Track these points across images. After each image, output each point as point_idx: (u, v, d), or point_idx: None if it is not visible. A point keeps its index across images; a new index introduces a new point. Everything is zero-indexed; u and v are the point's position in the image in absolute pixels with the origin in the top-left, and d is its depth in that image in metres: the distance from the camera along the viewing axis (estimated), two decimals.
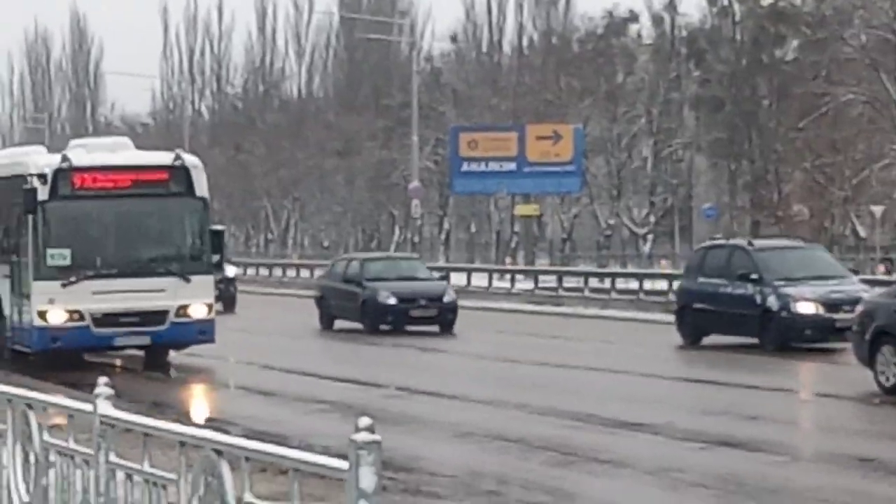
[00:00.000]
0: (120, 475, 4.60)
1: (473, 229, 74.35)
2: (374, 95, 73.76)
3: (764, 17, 53.11)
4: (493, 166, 59.14)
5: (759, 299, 24.31)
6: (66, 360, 19.98)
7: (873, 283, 29.21)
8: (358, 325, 31.00)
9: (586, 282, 47.44)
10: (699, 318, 26.01)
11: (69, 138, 38.96)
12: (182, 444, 4.02)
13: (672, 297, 35.63)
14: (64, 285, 18.33)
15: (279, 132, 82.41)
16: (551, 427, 14.41)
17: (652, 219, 62.40)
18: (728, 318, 25.31)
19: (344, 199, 78.57)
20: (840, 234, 52.27)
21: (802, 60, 51.99)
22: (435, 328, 29.65)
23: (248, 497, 3.46)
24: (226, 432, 3.94)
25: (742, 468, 12.01)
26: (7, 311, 19.78)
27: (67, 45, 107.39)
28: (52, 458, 5.02)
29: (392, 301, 29.43)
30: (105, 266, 18.95)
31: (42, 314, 18.24)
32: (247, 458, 3.50)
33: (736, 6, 55.14)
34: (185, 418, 14.40)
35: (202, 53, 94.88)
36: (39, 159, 19.51)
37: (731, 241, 31.21)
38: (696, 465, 12.22)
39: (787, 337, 23.73)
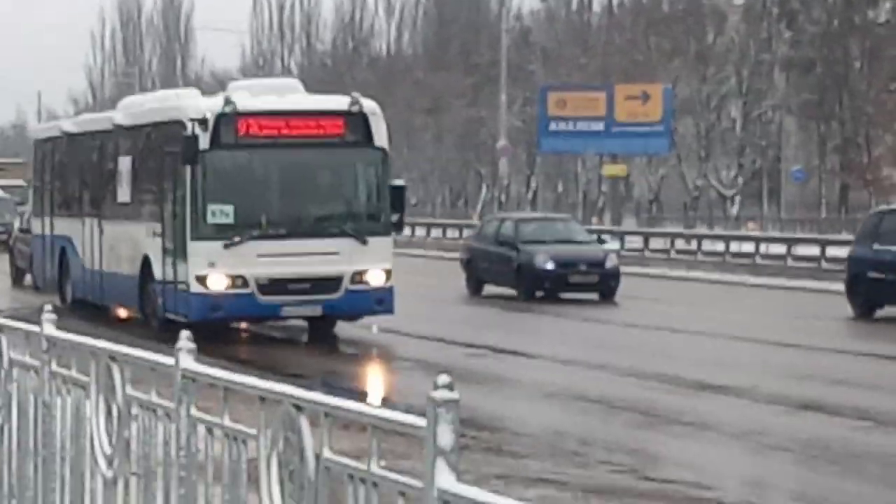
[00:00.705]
0: (201, 429, 4.52)
1: (560, 189, 74.94)
2: (462, 53, 74.22)
3: None
4: (582, 126, 59.01)
5: None
6: (222, 331, 18.17)
7: None
8: (510, 292, 28.52)
9: (672, 243, 46.81)
10: (874, 289, 23.59)
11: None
12: (262, 399, 3.92)
13: (759, 259, 37.04)
14: (226, 246, 16.16)
15: (368, 89, 76.30)
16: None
17: (740, 181, 61.96)
18: None
19: (432, 157, 79.30)
20: None
21: (895, 22, 52.57)
22: (594, 296, 27.41)
23: (326, 453, 3.39)
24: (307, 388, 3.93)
25: None
26: (157, 275, 17.65)
27: (158, 0, 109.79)
28: (135, 410, 5.00)
29: (550, 266, 27.21)
30: (272, 225, 16.58)
31: (201, 279, 16.18)
32: (326, 414, 3.43)
33: None
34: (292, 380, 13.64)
35: (292, 9, 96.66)
36: (199, 102, 17.54)
37: None
38: None
39: None
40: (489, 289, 29.48)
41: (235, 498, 4.03)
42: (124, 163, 19.62)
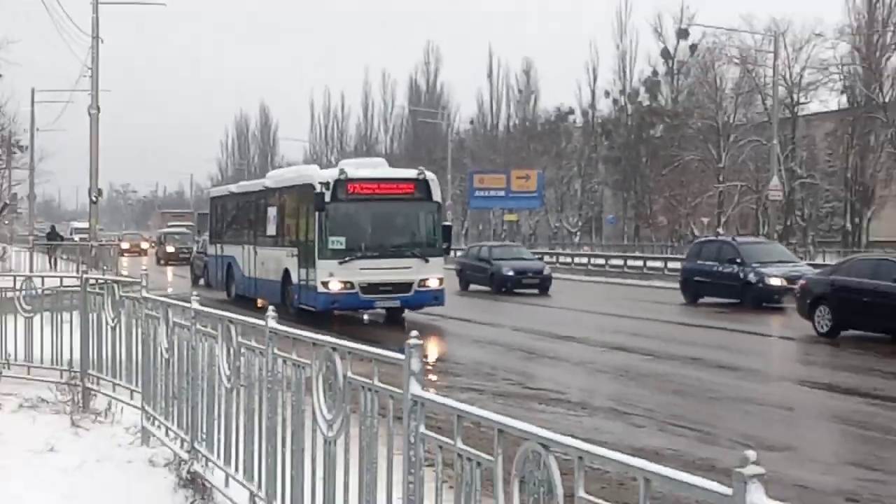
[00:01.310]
0: (279, 361, 6.31)
1: (481, 228, 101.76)
2: (427, 153, 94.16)
3: (643, 111, 79.71)
4: (492, 193, 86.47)
5: (742, 274, 31.40)
6: (326, 316, 23.62)
7: None
8: (486, 289, 40.46)
9: (572, 259, 66.20)
10: (697, 286, 34.03)
11: (258, 177, 48.29)
12: (314, 344, 5.73)
13: (591, 268, 57.57)
14: (340, 263, 22.08)
15: None
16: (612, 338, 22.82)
17: (580, 223, 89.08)
18: (718, 285, 32.91)
19: None
20: (684, 234, 72.16)
21: (665, 136, 75.76)
22: (536, 291, 38.88)
23: (350, 374, 5.13)
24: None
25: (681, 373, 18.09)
26: (294, 280, 23.74)
27: (258, 122, 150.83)
28: (243, 350, 6.86)
29: (511, 273, 39.08)
30: (369, 250, 22.66)
31: (325, 283, 22.04)
32: (349, 353, 5.22)
33: (629, 106, 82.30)
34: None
35: (332, 128, 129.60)
36: (324, 173, 23.79)
37: (720, 238, 41.87)
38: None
39: (760, 300, 30.64)
40: (473, 287, 41.94)
41: (298, 400, 5.83)
42: (271, 211, 26.68)
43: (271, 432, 6.30)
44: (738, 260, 31.73)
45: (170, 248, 61.16)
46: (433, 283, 23.23)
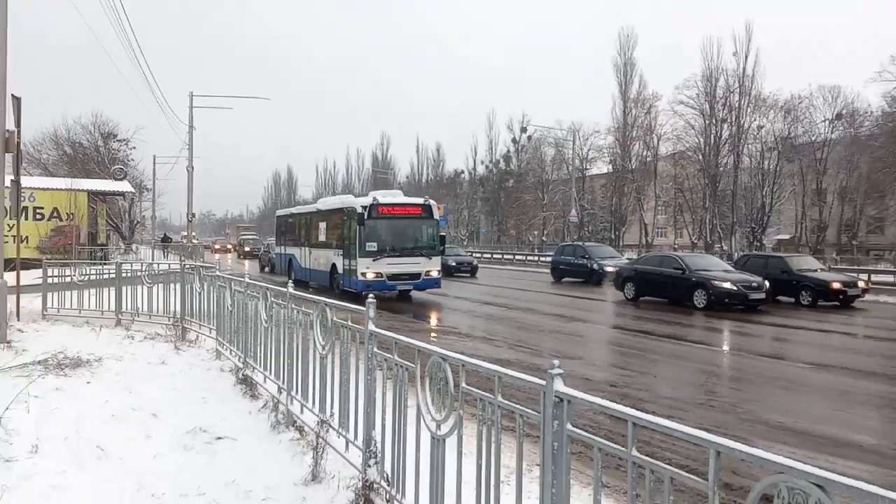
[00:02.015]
0: (295, 311, 6.31)
1: None
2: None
3: (502, 172, 78.79)
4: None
5: (588, 265, 31.32)
6: (359, 295, 20.88)
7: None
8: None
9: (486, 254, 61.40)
10: (561, 271, 33.11)
11: (286, 206, 48.00)
12: (314, 302, 5.79)
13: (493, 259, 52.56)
14: (374, 260, 20.99)
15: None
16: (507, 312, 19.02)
17: (466, 234, 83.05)
18: (574, 271, 32.24)
19: None
20: (525, 240, 74.45)
21: (514, 186, 76.21)
22: (468, 275, 36.48)
23: (335, 318, 5.33)
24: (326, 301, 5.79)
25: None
26: (339, 271, 22.67)
27: (286, 176, 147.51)
28: (273, 305, 7.02)
29: (454, 263, 35.94)
30: (393, 251, 21.35)
31: (363, 274, 20.96)
32: (335, 307, 5.44)
33: (494, 169, 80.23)
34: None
35: (328, 179, 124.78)
36: (361, 200, 22.11)
37: (575, 243, 40.74)
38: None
39: (599, 280, 29.82)
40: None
41: (305, 334, 5.96)
42: (322, 224, 25.18)
43: (289, 352, 6.43)
44: (587, 256, 31.95)
45: (246, 248, 61.08)
46: (434, 273, 22.23)
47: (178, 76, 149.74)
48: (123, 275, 13.60)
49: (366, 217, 21.07)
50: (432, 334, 15.26)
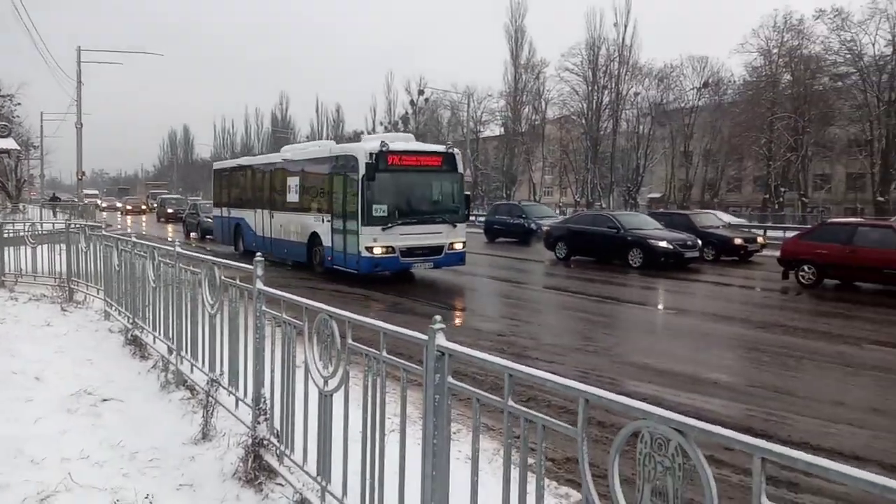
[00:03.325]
0: (183, 270, 5.87)
1: None
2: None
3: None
4: None
5: (525, 224, 29.40)
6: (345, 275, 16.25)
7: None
8: None
9: None
10: (494, 231, 30.86)
11: (183, 166, 41.03)
12: (202, 260, 5.31)
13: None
14: (384, 229, 15.16)
15: None
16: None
17: None
18: (509, 231, 30.23)
19: None
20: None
21: None
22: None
23: (223, 277, 5.01)
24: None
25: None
26: (326, 243, 16.61)
27: (182, 135, 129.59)
28: (161, 264, 6.56)
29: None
30: (407, 217, 15.55)
31: (369, 248, 15.17)
32: (219, 266, 5.14)
33: (392, 130, 70.46)
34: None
35: (226, 139, 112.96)
36: (366, 145, 15.71)
37: (510, 202, 38.56)
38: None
39: (532, 238, 27.82)
40: None
41: (194, 294, 5.51)
42: (292, 181, 18.65)
43: (178, 312, 6.09)
44: (523, 215, 29.93)
45: (169, 210, 49.32)
46: (458, 246, 16.43)
47: (68, 31, 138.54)
48: (6, 235, 12.52)
49: (373, 169, 15.02)
50: (316, 292, 13.81)
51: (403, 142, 16.78)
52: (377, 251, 15.30)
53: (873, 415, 6.60)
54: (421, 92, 75.95)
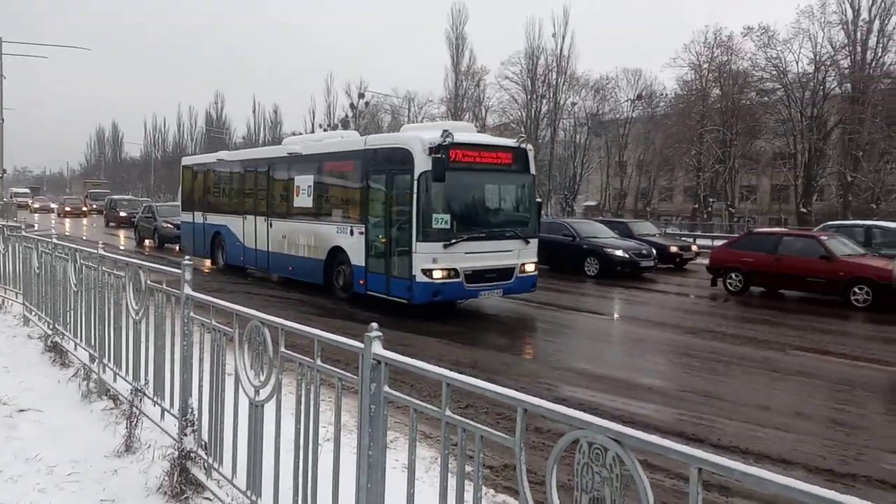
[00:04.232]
0: (106, 274, 5.67)
1: None
2: None
3: None
4: None
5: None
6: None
7: None
8: None
9: None
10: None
11: (115, 165, 36.29)
12: (127, 263, 5.13)
13: None
14: (445, 247, 11.55)
15: None
16: None
17: None
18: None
19: None
20: None
21: None
22: None
23: (149, 281, 4.81)
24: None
25: None
26: (357, 262, 12.90)
27: (111, 132, 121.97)
28: (84, 267, 6.26)
29: None
30: (475, 230, 12.01)
31: (427, 271, 11.47)
32: (145, 270, 4.96)
33: None
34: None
35: (157, 137, 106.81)
36: (424, 135, 11.89)
37: None
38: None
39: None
40: None
41: (118, 298, 5.34)
42: (303, 180, 14.78)
43: (102, 317, 5.83)
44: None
45: (122, 213, 39.78)
46: (530, 268, 12.84)
47: None
48: None
49: (436, 166, 11.28)
50: (251, 297, 13.46)
51: (468, 133, 12.91)
52: (437, 275, 11.53)
53: (798, 419, 6.84)
54: (361, 95, 75.59)
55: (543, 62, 55.82)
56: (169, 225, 25.03)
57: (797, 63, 41.81)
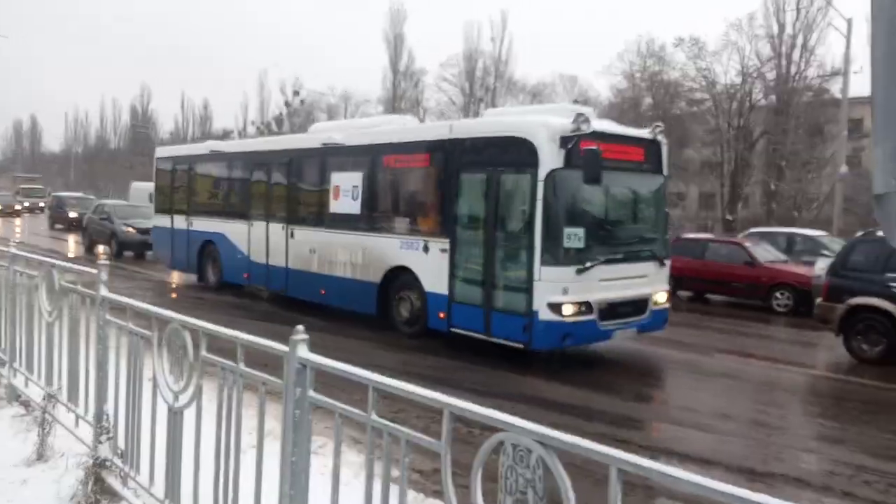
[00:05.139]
0: (18, 275, 5.47)
1: None
2: (141, 150, 72.24)
3: (274, 134, 61.90)
4: None
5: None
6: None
7: None
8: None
9: None
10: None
11: (39, 161, 31.08)
12: (39, 263, 5.05)
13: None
14: (578, 272, 8.42)
15: None
16: None
17: None
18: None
19: None
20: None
21: None
22: None
23: (63, 282, 4.64)
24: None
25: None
26: (432, 287, 9.68)
27: (29, 125, 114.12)
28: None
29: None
30: (612, 249, 8.98)
31: (555, 306, 8.31)
32: (59, 270, 4.91)
33: (266, 132, 65.02)
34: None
35: (79, 131, 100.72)
36: (550, 121, 8.66)
37: None
38: None
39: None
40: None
41: (30, 300, 5.13)
42: (347, 178, 11.39)
43: (12, 320, 5.56)
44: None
45: (71, 214, 33.83)
46: (663, 298, 9.65)
47: None
48: None
49: (588, 162, 8.24)
50: (180, 303, 12.61)
51: (595, 118, 9.33)
52: (567, 311, 8.45)
53: (721, 420, 7.08)
54: (296, 93, 74.45)
55: (482, 65, 56.44)
56: (130, 229, 21.35)
57: (725, 74, 43.45)
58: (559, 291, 8.40)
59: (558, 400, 7.45)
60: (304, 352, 2.72)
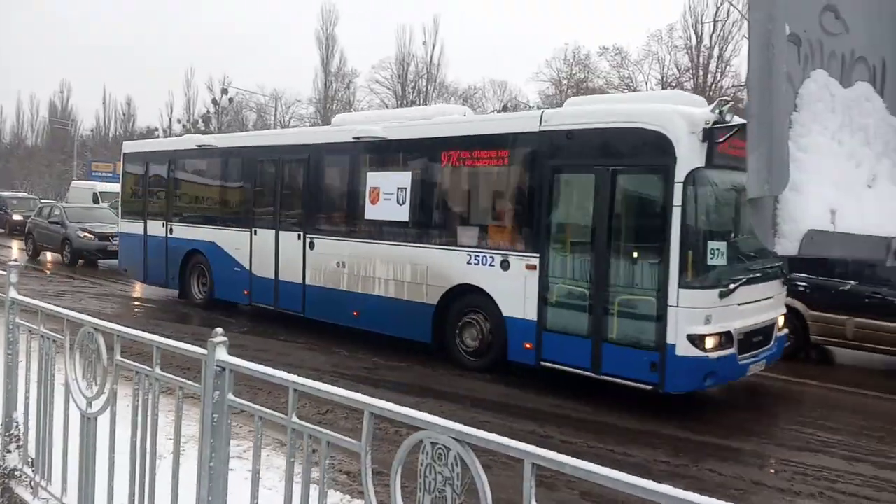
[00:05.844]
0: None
1: None
2: (60, 148, 72.05)
3: (201, 133, 71.68)
4: (105, 175, 50.39)
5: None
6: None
7: None
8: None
9: None
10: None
11: None
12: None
13: None
14: (721, 296, 6.76)
15: None
16: None
17: None
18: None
19: None
20: None
21: None
22: None
23: (15, 295, 5.09)
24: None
25: None
26: (511, 311, 7.98)
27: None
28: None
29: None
30: (747, 266, 7.23)
31: (696, 339, 6.61)
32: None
33: (192, 130, 61.65)
34: None
35: None
36: (689, 110, 6.93)
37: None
38: None
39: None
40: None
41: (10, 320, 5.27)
42: (389, 178, 9.41)
43: None
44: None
45: (16, 216, 29.47)
46: (782, 322, 8.00)
47: None
48: None
49: (700, 162, 6.73)
50: (89, 302, 12.49)
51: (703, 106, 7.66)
52: (709, 344, 6.74)
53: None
54: (225, 91, 72.72)
55: (414, 69, 56.60)
56: (87, 234, 18.94)
57: (646, 84, 44.94)
58: (701, 320, 6.68)
59: (487, 397, 7.49)
60: (222, 354, 2.66)
